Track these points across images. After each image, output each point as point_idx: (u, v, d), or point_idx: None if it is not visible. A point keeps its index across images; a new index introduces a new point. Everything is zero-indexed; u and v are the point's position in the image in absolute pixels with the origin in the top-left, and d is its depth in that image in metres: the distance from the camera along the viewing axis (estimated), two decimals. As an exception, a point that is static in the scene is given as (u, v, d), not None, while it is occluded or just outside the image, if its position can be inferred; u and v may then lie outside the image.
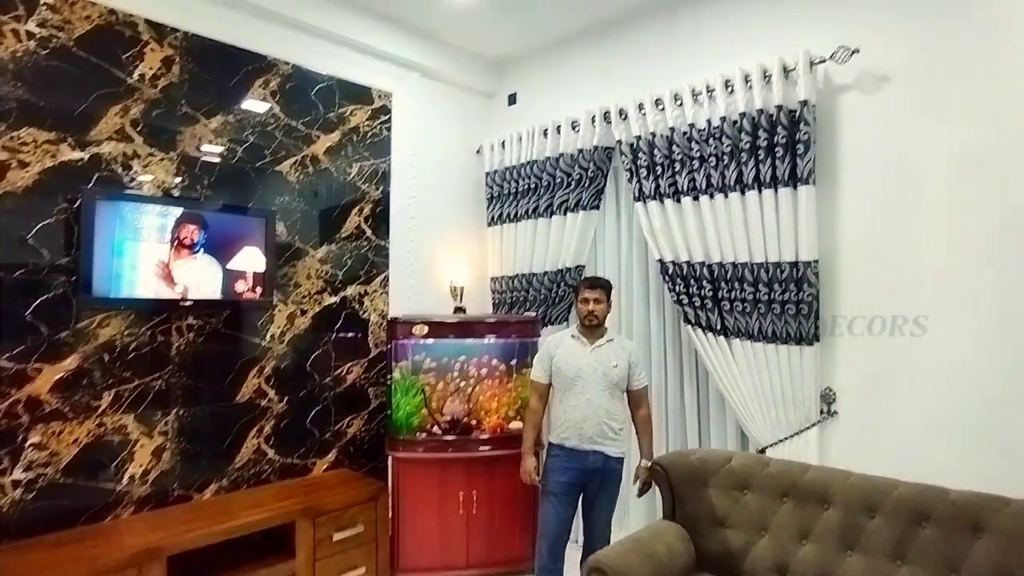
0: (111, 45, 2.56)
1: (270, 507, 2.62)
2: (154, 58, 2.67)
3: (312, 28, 3.16)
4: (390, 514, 3.02)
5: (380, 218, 3.50)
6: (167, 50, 2.71)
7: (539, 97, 3.84)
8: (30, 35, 2.36)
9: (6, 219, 2.30)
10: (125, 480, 2.56)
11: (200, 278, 2.66)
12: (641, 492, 2.62)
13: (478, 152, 3.99)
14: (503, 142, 3.80)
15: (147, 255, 2.52)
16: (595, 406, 2.60)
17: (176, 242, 2.61)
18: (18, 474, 2.31)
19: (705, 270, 2.88)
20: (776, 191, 2.65)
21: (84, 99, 2.49)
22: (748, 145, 2.72)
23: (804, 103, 2.58)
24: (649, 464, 2.58)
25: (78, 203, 2.41)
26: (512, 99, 4.02)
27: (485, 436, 3.16)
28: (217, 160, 2.86)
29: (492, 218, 3.88)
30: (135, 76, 2.62)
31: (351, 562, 2.74)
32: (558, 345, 2.75)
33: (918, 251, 2.43)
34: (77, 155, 2.47)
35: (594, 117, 3.32)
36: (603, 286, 2.74)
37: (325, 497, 2.76)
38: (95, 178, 2.50)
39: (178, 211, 2.62)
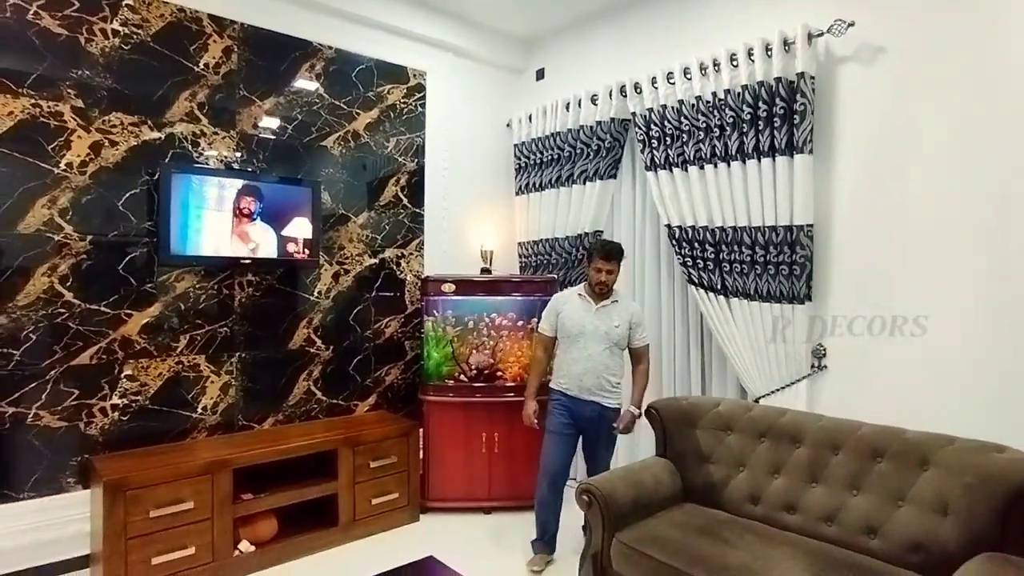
0: (180, 38, 2.97)
1: (317, 436, 3.06)
2: (216, 48, 3.07)
3: (352, 15, 3.49)
4: (421, 453, 3.42)
5: (415, 188, 3.84)
6: (227, 41, 3.10)
7: (564, 72, 4.06)
8: (115, 33, 2.79)
9: (101, 190, 2.77)
10: (199, 409, 3.05)
11: (257, 241, 3.08)
12: (622, 432, 2.85)
13: (508, 125, 4.26)
14: (530, 115, 4.06)
15: (212, 220, 2.95)
16: (595, 361, 2.81)
17: (237, 210, 3.03)
18: (115, 399, 2.82)
19: (708, 234, 3.08)
20: (774, 159, 2.82)
21: (160, 86, 2.91)
22: (749, 116, 2.89)
23: (801, 75, 2.72)
24: (636, 412, 2.84)
25: (157, 176, 2.85)
26: (540, 74, 4.25)
27: (507, 384, 3.50)
28: (270, 137, 3.26)
29: (520, 187, 4.16)
30: (201, 65, 3.03)
31: (385, 488, 3.17)
32: (565, 302, 2.94)
33: (908, 217, 2.56)
34: (155, 135, 2.91)
35: (611, 91, 3.53)
36: (617, 257, 2.86)
37: (364, 431, 3.18)
38: (170, 154, 2.94)
39: (239, 182, 3.03)
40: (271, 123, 3.26)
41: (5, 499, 2.56)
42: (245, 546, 2.76)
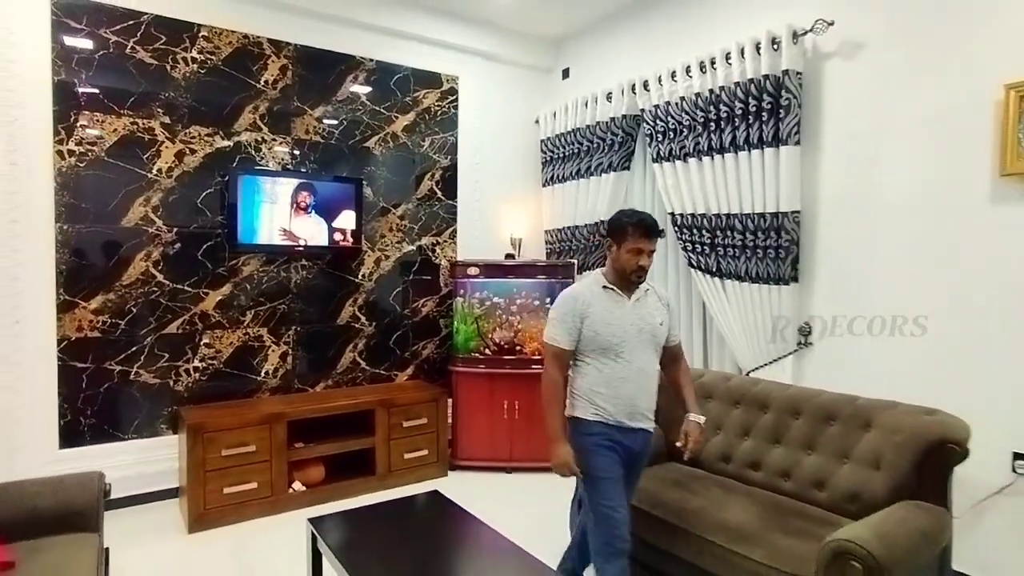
0: (245, 60, 3.51)
1: (358, 398, 3.57)
2: (274, 67, 3.61)
3: (390, 29, 3.94)
4: (450, 418, 3.87)
5: (449, 182, 4.28)
6: (283, 60, 3.63)
7: (586, 71, 4.36)
8: (193, 60, 3.36)
9: (184, 190, 3.36)
10: (262, 374, 3.63)
11: (311, 231, 3.61)
12: (695, 452, 2.20)
13: (536, 122, 4.61)
14: (555, 112, 4.39)
15: (273, 214, 3.49)
16: (647, 375, 2.12)
17: (294, 204, 3.56)
18: (196, 363, 3.43)
19: (705, 220, 3.34)
20: (763, 151, 3.04)
21: (229, 102, 3.48)
22: (741, 110, 3.12)
23: (786, 71, 2.93)
24: (703, 420, 2.20)
25: (227, 177, 3.42)
26: (565, 73, 4.57)
27: (527, 358, 3.89)
28: (320, 140, 3.78)
29: (546, 179, 4.52)
30: (261, 82, 3.57)
31: (416, 445, 3.64)
32: (588, 302, 2.10)
33: (883, 203, 2.74)
34: (225, 143, 3.48)
35: (623, 88, 3.82)
36: (659, 235, 2.15)
37: (398, 395, 3.66)
38: (237, 159, 3.50)
39: (294, 181, 3.56)
40: (321, 128, 3.77)
41: (115, 439, 3.22)
42: (297, 486, 3.31)
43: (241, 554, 2.79)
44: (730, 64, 3.17)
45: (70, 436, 3.09)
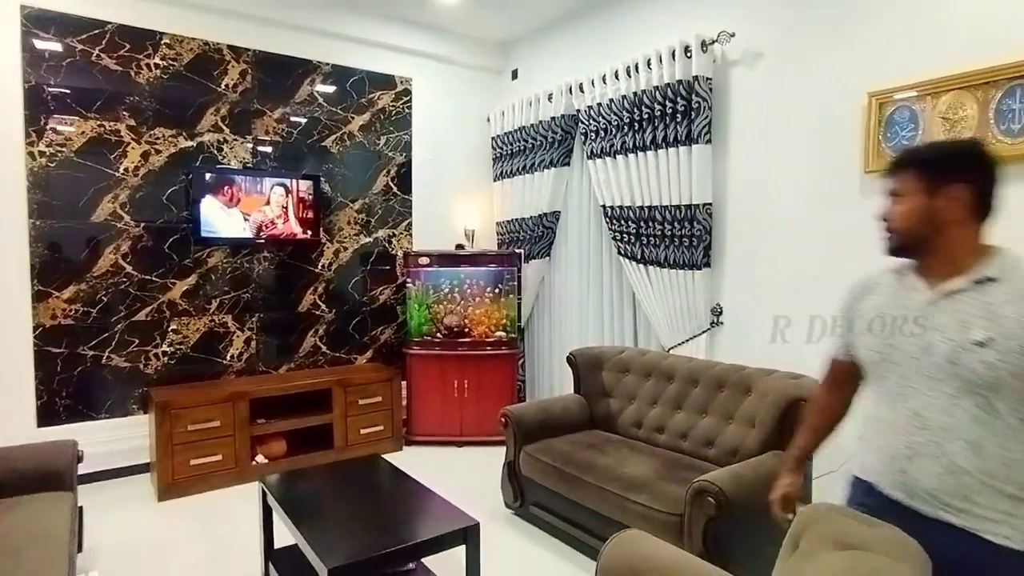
0: (206, 66, 3.77)
1: (316, 379, 3.87)
2: (234, 72, 3.86)
3: (346, 35, 4.21)
4: (405, 397, 4.18)
5: (404, 177, 4.57)
6: (242, 65, 3.89)
7: (533, 72, 4.66)
8: (156, 66, 3.61)
9: (150, 187, 3.62)
10: (228, 358, 3.91)
11: (271, 224, 3.88)
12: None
13: (487, 120, 4.91)
14: (503, 111, 4.69)
15: (234, 208, 3.76)
16: (934, 428, 1.22)
17: (256, 198, 3.82)
18: (165, 347, 3.70)
19: (631, 212, 3.67)
20: (678, 149, 3.37)
21: (192, 105, 3.73)
22: (659, 112, 3.44)
23: (696, 77, 3.25)
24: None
25: (190, 175, 3.68)
26: (514, 74, 4.86)
27: (475, 340, 4.21)
28: (279, 140, 4.05)
29: (496, 174, 4.82)
30: (222, 86, 3.83)
31: (372, 421, 3.96)
32: (868, 292, 1.43)
33: (775, 195, 3.08)
34: (189, 144, 3.73)
35: (563, 90, 4.12)
36: (915, 163, 1.31)
37: (355, 376, 3.97)
38: (200, 158, 3.76)
39: (254, 178, 3.82)
40: (280, 129, 4.04)
41: (89, 418, 3.49)
42: (260, 459, 3.61)
43: (207, 519, 3.09)
44: (651, 69, 3.49)
45: (47, 416, 3.36)
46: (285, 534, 2.45)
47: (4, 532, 1.99)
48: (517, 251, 4.39)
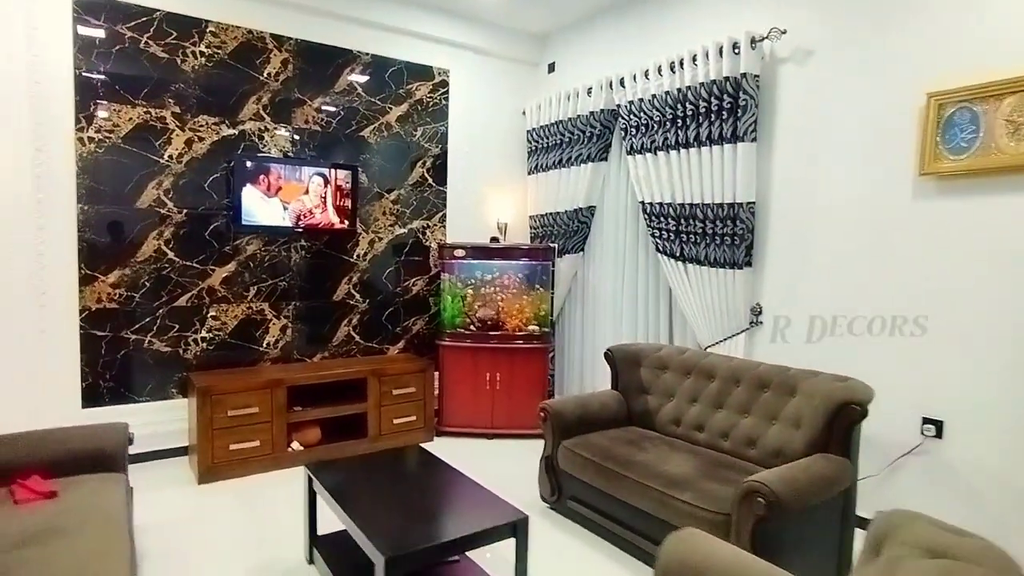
0: (249, 54, 3.79)
1: (351, 368, 3.91)
2: (276, 60, 3.88)
3: (386, 25, 4.21)
4: (437, 388, 4.21)
5: (439, 169, 4.57)
6: (284, 54, 3.91)
7: (571, 66, 4.64)
8: (202, 54, 3.64)
9: (193, 174, 3.66)
10: (264, 345, 3.96)
11: (309, 213, 3.91)
12: None
13: (523, 113, 4.89)
14: (539, 105, 4.67)
15: (273, 196, 3.79)
16: None
17: (293, 187, 3.85)
18: (204, 333, 3.75)
19: (671, 209, 3.64)
20: (722, 146, 3.33)
21: (234, 93, 3.76)
22: (704, 109, 3.41)
23: (744, 74, 3.21)
24: None
25: (232, 163, 3.71)
26: (551, 67, 4.84)
27: (508, 334, 4.22)
28: (319, 129, 4.07)
29: (531, 168, 4.81)
30: (265, 74, 3.85)
31: (405, 412, 3.99)
32: None
33: (822, 196, 3.05)
34: (231, 131, 3.77)
35: (603, 84, 4.10)
36: None
37: (389, 366, 3.99)
38: (242, 146, 3.80)
39: (294, 166, 3.85)
40: (319, 118, 4.06)
41: (131, 400, 3.55)
42: (296, 446, 3.65)
43: (247, 503, 3.13)
44: (696, 66, 3.45)
45: (91, 397, 3.43)
46: (328, 521, 2.49)
47: (66, 509, 2.03)
48: (551, 245, 4.38)
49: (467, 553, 2.36)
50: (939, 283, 2.63)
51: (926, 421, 2.66)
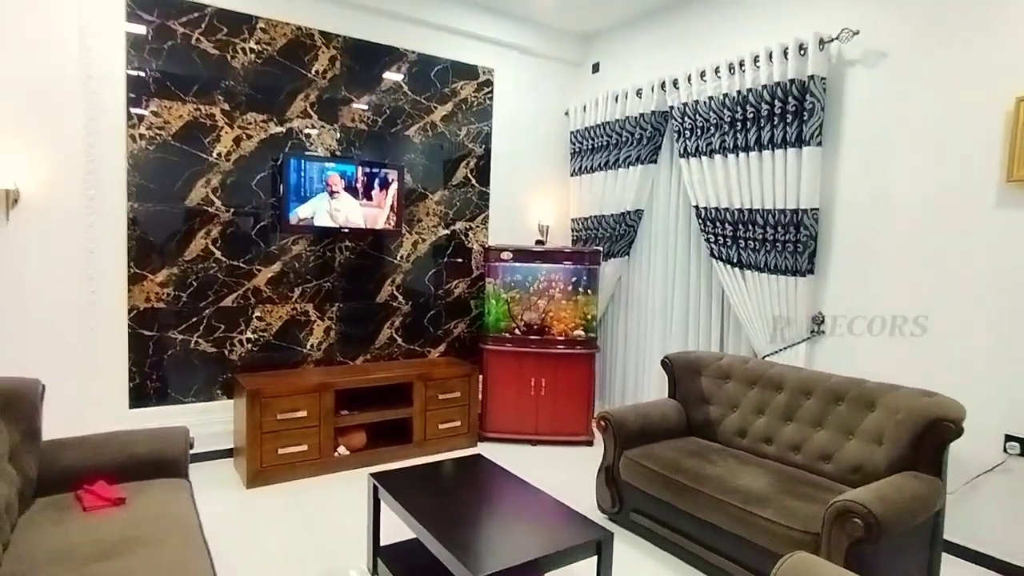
0: (298, 51, 3.73)
1: (397, 371, 3.84)
2: (324, 58, 3.82)
3: (432, 23, 4.14)
4: (480, 392, 4.14)
5: (483, 170, 4.50)
6: (332, 51, 3.85)
7: (616, 66, 4.55)
8: (251, 50, 3.59)
9: (240, 173, 3.61)
10: (308, 346, 3.90)
11: (354, 214, 3.85)
12: None
13: (566, 114, 4.81)
14: (584, 105, 4.59)
15: (320, 196, 3.73)
16: None
17: (340, 188, 3.79)
18: (249, 334, 3.70)
19: (728, 214, 3.56)
20: (785, 150, 3.25)
21: (282, 90, 3.70)
22: (767, 112, 3.32)
23: (811, 77, 3.12)
24: None
25: (279, 162, 3.66)
26: (595, 68, 4.76)
27: (554, 338, 4.14)
28: (364, 128, 4.01)
29: (574, 170, 4.73)
30: (312, 72, 3.79)
31: (450, 416, 3.92)
32: None
33: (893, 202, 2.95)
34: (278, 129, 3.71)
35: (653, 86, 4.01)
36: None
37: (434, 370, 3.93)
38: (288, 145, 3.74)
39: (339, 166, 3.79)
40: (365, 117, 4.00)
41: (177, 401, 3.50)
42: (342, 450, 3.59)
43: (298, 507, 3.08)
44: (758, 67, 3.37)
45: (138, 397, 3.38)
46: (391, 531, 2.43)
47: (138, 517, 1.98)
48: (597, 248, 4.30)
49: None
50: (1025, 295, 2.53)
51: (1009, 439, 2.57)
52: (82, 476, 2.20)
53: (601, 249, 4.34)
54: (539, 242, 4.48)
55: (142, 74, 3.29)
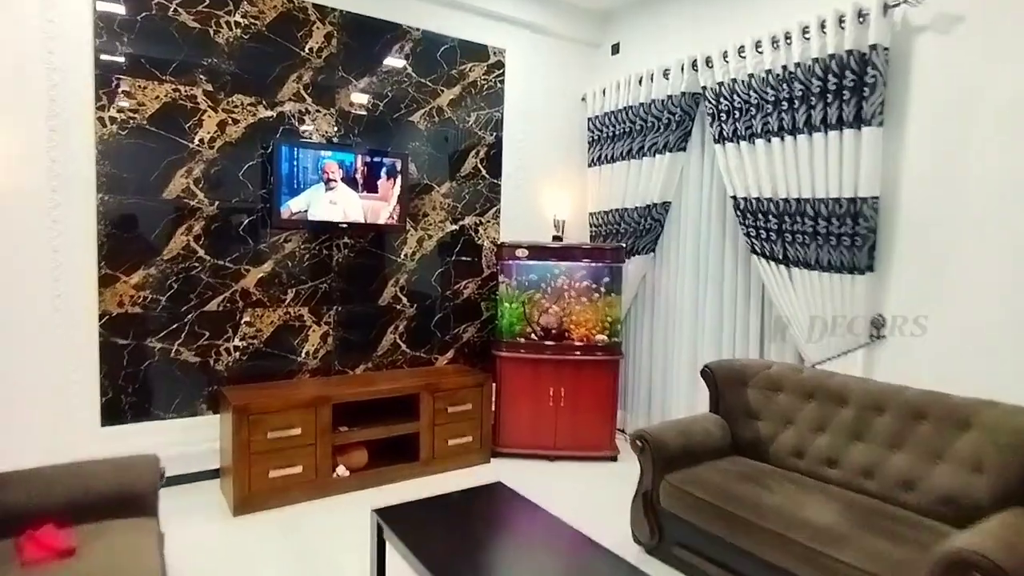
0: (289, 26, 3.35)
1: (402, 382, 3.47)
2: (319, 34, 3.44)
3: (438, -2, 3.77)
4: (493, 404, 3.76)
5: (494, 160, 4.12)
6: (328, 27, 3.47)
7: (638, 47, 4.17)
8: (237, 24, 3.21)
9: (226, 162, 3.23)
10: (303, 355, 3.52)
11: (353, 207, 3.47)
12: None
13: (582, 99, 4.43)
14: (604, 89, 4.22)
15: (315, 187, 3.35)
16: None
17: (336, 177, 3.41)
18: (237, 342, 3.32)
19: (772, 205, 3.18)
20: (841, 132, 2.86)
21: (273, 70, 3.32)
22: (818, 89, 2.94)
23: (874, 47, 2.74)
24: None
25: (270, 149, 3.28)
26: (615, 49, 4.38)
27: (574, 344, 3.77)
28: (364, 113, 3.63)
29: (592, 159, 4.35)
30: (306, 50, 3.41)
31: (460, 431, 3.54)
32: None
33: (975, 190, 2.57)
34: (268, 113, 3.33)
35: (683, 65, 3.64)
36: None
37: (443, 380, 3.55)
38: (280, 130, 3.36)
39: (338, 154, 3.41)
40: (365, 100, 3.62)
41: (156, 417, 3.13)
42: (341, 470, 3.21)
43: (292, 537, 2.70)
44: (807, 39, 2.99)
45: (112, 414, 3.01)
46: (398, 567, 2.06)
47: (86, 574, 1.60)
48: (621, 245, 3.92)
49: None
50: None
51: (1123, 462, 2.18)
52: (27, 519, 1.82)
53: (624, 245, 3.96)
54: (556, 238, 4.10)
55: (112, 48, 2.91)
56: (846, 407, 2.50)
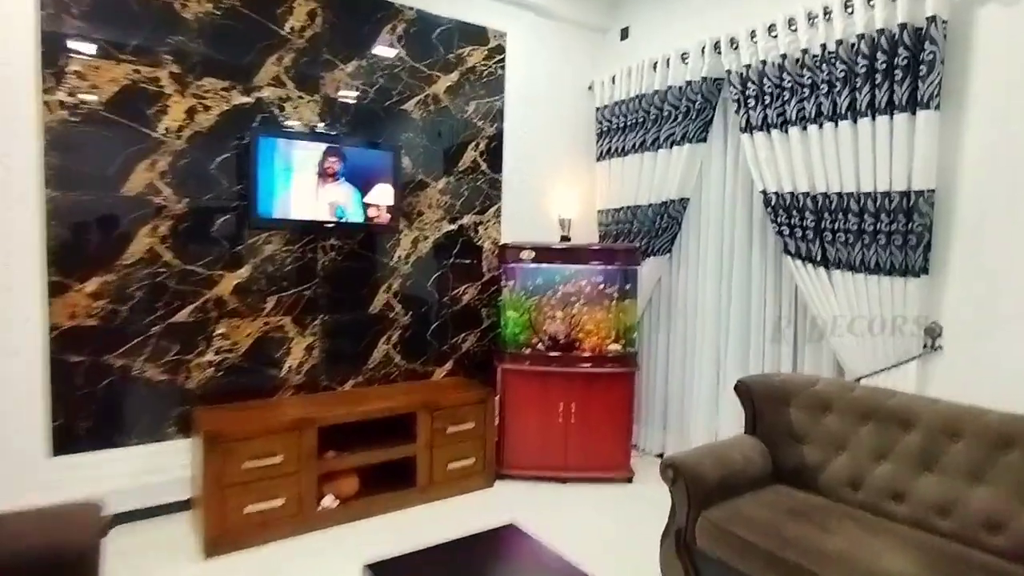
0: (268, 3, 2.99)
1: (397, 400, 3.11)
2: (301, 11, 3.08)
3: (433, -26, 3.42)
4: (496, 420, 3.41)
5: (494, 153, 3.77)
6: (311, 3, 3.10)
7: (651, 30, 3.84)
8: (208, -2, 2.84)
9: (196, 153, 2.86)
10: (285, 369, 3.15)
11: (341, 205, 3.11)
12: None
13: (589, 88, 4.10)
14: (613, 77, 3.88)
15: (297, 184, 2.99)
16: None
17: (321, 173, 3.05)
18: (210, 356, 2.95)
19: (809, 200, 2.85)
20: (891, 117, 2.54)
21: (249, 51, 2.96)
22: (864, 69, 2.61)
23: (932, 19, 2.42)
24: None
25: (246, 140, 2.91)
26: (624, 33, 4.04)
27: (585, 354, 3.42)
28: (352, 101, 3.27)
29: (601, 153, 4.01)
30: (287, 28, 3.05)
31: (461, 452, 3.18)
32: None
33: (1049, 178, 2.27)
34: (245, 100, 2.96)
35: (704, 48, 3.31)
36: None
37: (442, 396, 3.19)
38: (258, 119, 2.99)
39: (323, 146, 3.05)
40: (353, 87, 3.26)
41: (116, 445, 2.75)
42: (328, 500, 2.85)
43: (268, 587, 2.34)
44: (850, 13, 2.67)
45: (64, 442, 2.62)
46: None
47: None
48: (636, 245, 3.58)
49: None
50: None
51: None
52: (-69, 591, 1.45)
53: (639, 246, 3.63)
54: (564, 238, 3.75)
55: (61, 21, 2.53)
56: (911, 431, 2.17)
